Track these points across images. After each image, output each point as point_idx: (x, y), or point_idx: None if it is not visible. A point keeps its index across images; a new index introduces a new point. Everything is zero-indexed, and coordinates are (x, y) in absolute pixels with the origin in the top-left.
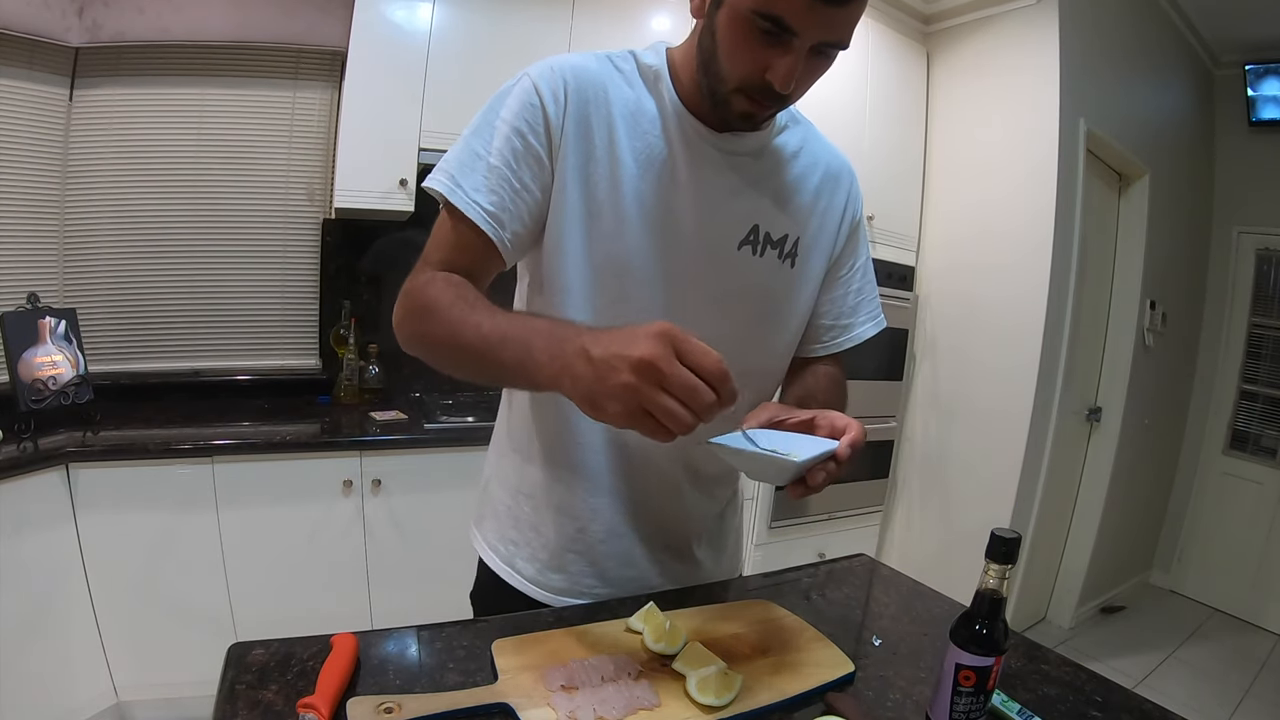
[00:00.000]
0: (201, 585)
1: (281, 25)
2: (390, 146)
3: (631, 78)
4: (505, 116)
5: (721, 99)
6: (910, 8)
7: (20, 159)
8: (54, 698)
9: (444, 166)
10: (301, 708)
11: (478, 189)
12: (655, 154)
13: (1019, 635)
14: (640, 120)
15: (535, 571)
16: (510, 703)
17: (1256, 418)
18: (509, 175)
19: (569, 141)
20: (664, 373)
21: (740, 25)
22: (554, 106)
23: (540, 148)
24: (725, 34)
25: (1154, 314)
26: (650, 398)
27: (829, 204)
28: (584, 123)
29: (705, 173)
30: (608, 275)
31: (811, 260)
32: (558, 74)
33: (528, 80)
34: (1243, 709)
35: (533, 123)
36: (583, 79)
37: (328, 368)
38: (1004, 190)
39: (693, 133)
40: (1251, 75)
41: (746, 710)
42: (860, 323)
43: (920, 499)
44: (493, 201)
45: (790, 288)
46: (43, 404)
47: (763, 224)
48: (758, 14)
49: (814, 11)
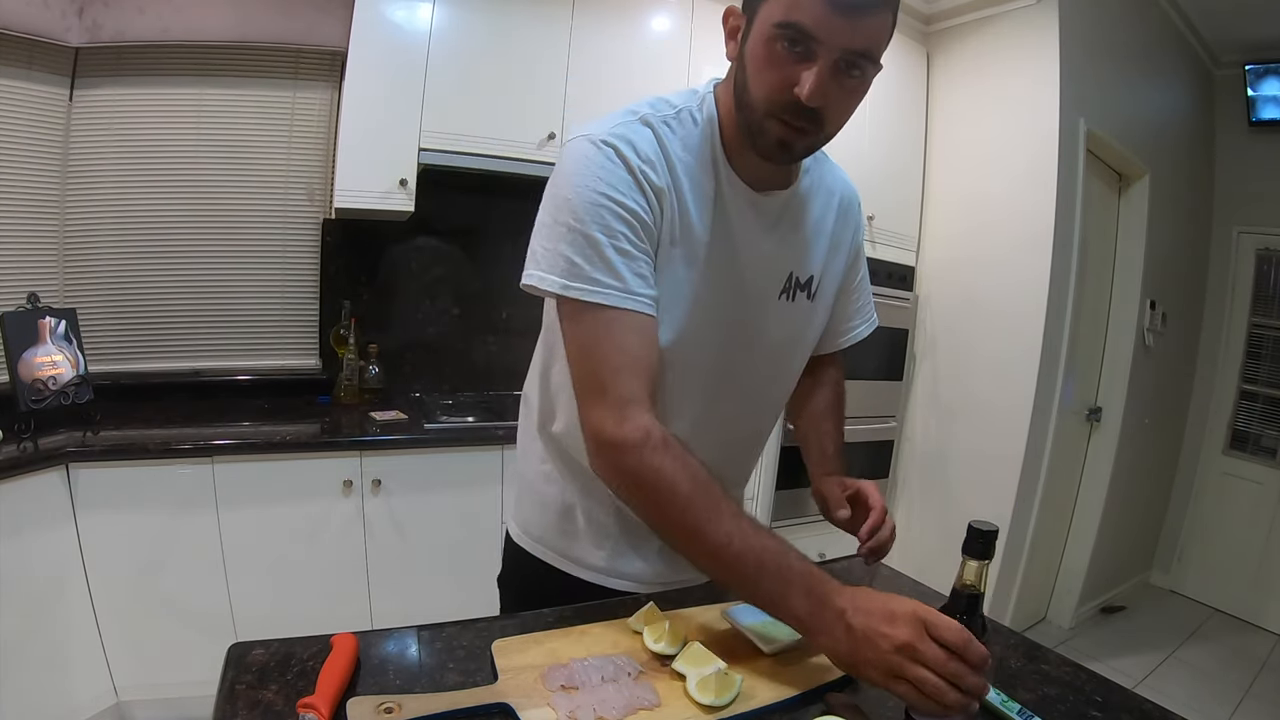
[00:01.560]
0: (201, 585)
1: (281, 25)
2: (390, 146)
3: (688, 140)
4: (605, 191)
5: (757, 128)
6: (910, 8)
7: (20, 159)
8: (54, 698)
9: (571, 268)
10: (301, 708)
11: (627, 280)
12: (716, 221)
13: (1019, 635)
14: (703, 190)
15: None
16: (510, 703)
17: (1256, 418)
18: (638, 252)
19: (664, 215)
20: (920, 652)
21: (766, 45)
22: (648, 182)
23: (650, 219)
24: (754, 59)
25: (1154, 314)
26: (911, 673)
27: (841, 237)
28: (669, 195)
29: (752, 236)
30: (690, 344)
31: (827, 291)
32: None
33: (611, 151)
34: (1243, 709)
35: (636, 197)
36: (654, 150)
37: (328, 368)
38: (1004, 190)
39: (742, 196)
40: (1251, 75)
41: (746, 710)
42: (858, 324)
43: (920, 499)
44: (641, 283)
45: (811, 321)
46: (43, 404)
47: (795, 271)
48: (780, 26)
49: (831, 20)
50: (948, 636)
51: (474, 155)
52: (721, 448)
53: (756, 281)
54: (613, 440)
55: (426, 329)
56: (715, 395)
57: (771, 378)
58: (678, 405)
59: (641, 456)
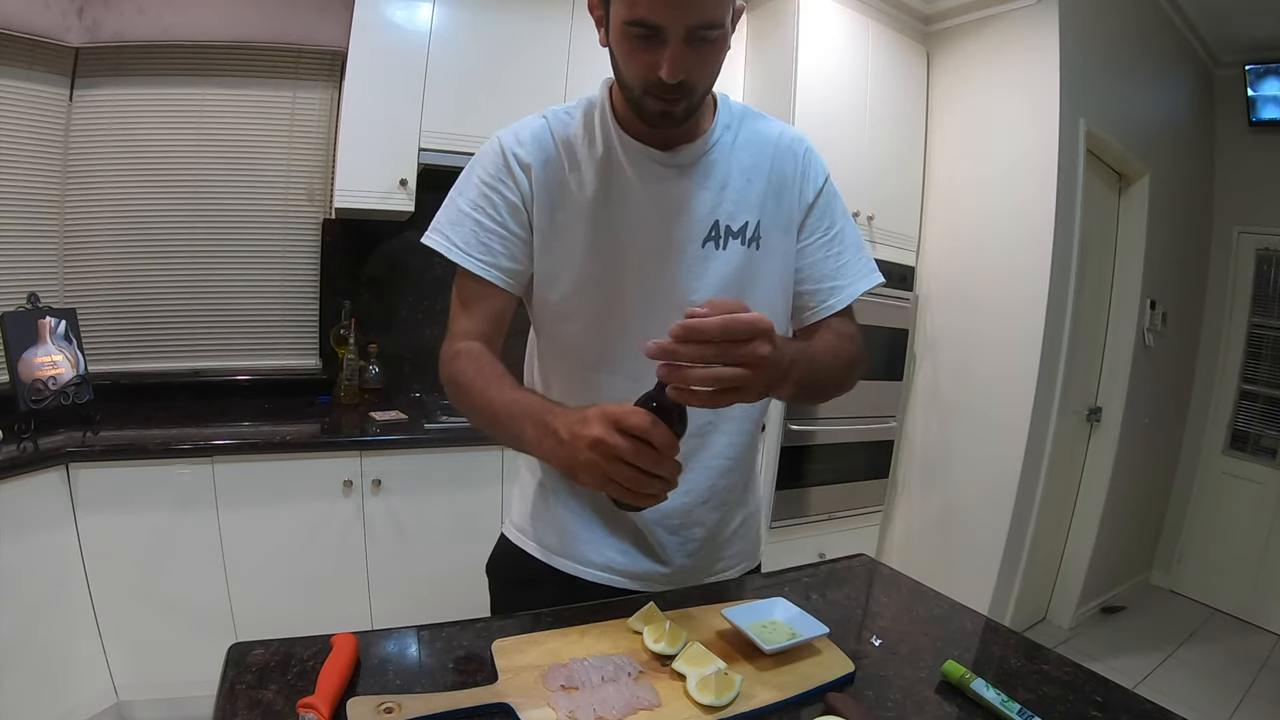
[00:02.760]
0: (201, 585)
1: (281, 25)
2: (390, 146)
3: (577, 122)
4: (479, 174)
5: (637, 105)
6: (910, 8)
7: (20, 159)
8: (54, 698)
9: (436, 227)
10: (301, 708)
11: (469, 243)
12: (606, 184)
13: (1019, 635)
14: (587, 158)
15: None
16: (510, 703)
17: (1256, 418)
18: (492, 224)
19: (537, 188)
20: (610, 445)
21: (623, 38)
22: (517, 162)
23: (513, 195)
24: (617, 50)
25: (1154, 314)
26: (609, 469)
27: (781, 179)
28: (543, 170)
29: (657, 187)
30: (588, 297)
31: (774, 236)
32: (520, 132)
33: (494, 140)
34: (1243, 709)
35: (502, 175)
36: (539, 134)
37: (328, 368)
38: (1004, 190)
39: (640, 156)
40: (1251, 75)
41: (746, 710)
42: (850, 281)
43: (920, 499)
44: (484, 251)
45: (758, 268)
46: (43, 404)
47: (722, 219)
48: (628, 23)
49: (666, 4)
50: (632, 421)
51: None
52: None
53: (666, 230)
54: (441, 359)
55: (426, 329)
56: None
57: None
58: (595, 352)
59: (452, 363)
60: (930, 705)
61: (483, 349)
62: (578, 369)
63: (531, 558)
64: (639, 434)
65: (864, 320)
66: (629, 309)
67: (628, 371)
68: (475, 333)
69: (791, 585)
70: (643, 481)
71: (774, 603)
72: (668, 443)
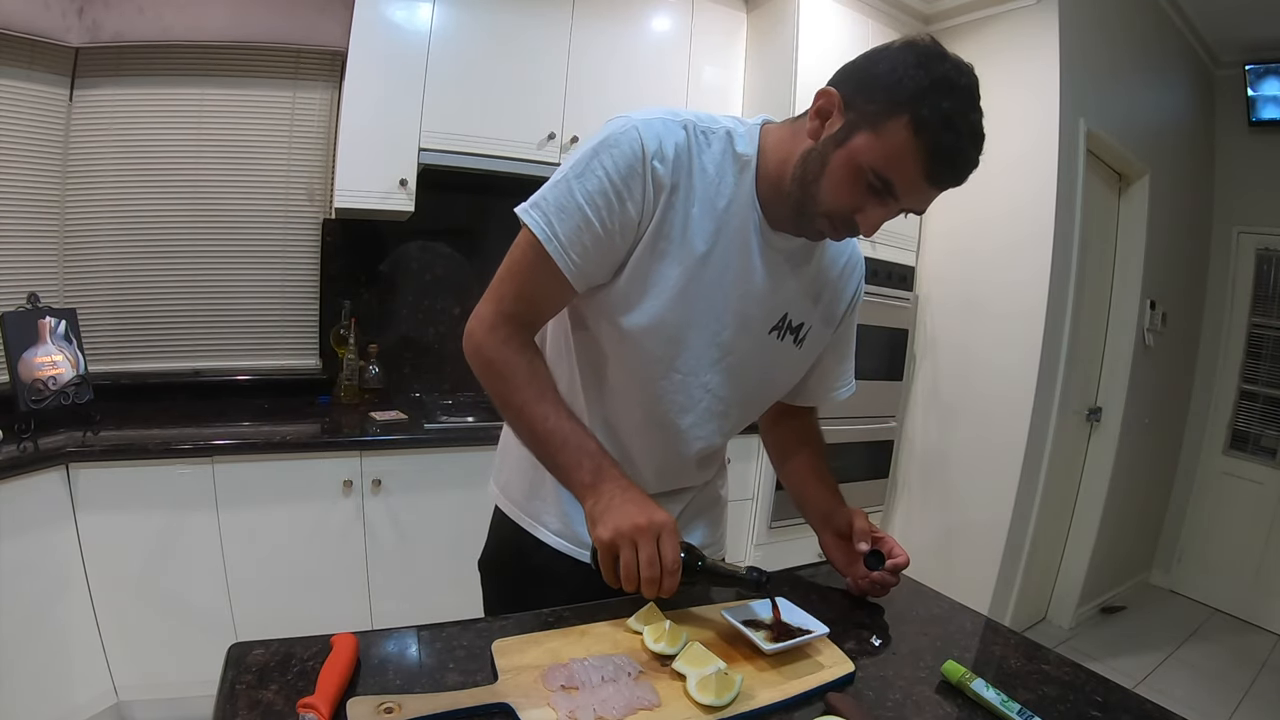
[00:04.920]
0: (201, 585)
1: (281, 25)
2: (390, 146)
3: (719, 159)
4: (609, 167)
5: (808, 218)
6: (910, 8)
7: (20, 159)
8: (54, 698)
9: (540, 204)
10: (301, 708)
11: (571, 241)
12: (719, 240)
13: (1019, 635)
14: (710, 204)
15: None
16: (510, 703)
17: (1256, 418)
18: (600, 229)
19: (660, 212)
20: (642, 545)
21: (852, 173)
22: (653, 177)
23: (634, 210)
24: (835, 173)
25: (1154, 314)
26: (628, 553)
27: (841, 294)
28: (670, 196)
29: (756, 263)
30: (656, 336)
31: (815, 340)
32: (664, 139)
33: (636, 136)
34: (1243, 709)
35: (632, 184)
36: (681, 152)
37: (328, 368)
38: (1004, 190)
39: (757, 228)
40: (1251, 75)
41: (746, 710)
42: (842, 385)
43: (920, 499)
44: (580, 253)
45: (793, 364)
46: (43, 404)
47: (791, 313)
48: (874, 172)
49: (921, 189)
50: (665, 553)
51: (474, 155)
52: (664, 443)
53: (749, 309)
54: (479, 325)
55: (427, 329)
56: (672, 391)
57: (738, 403)
58: (639, 380)
59: (495, 341)
60: (930, 705)
61: (537, 350)
62: (619, 391)
63: (527, 538)
64: (665, 567)
65: (864, 320)
66: (684, 359)
67: (656, 407)
68: (525, 319)
69: (791, 585)
70: (631, 581)
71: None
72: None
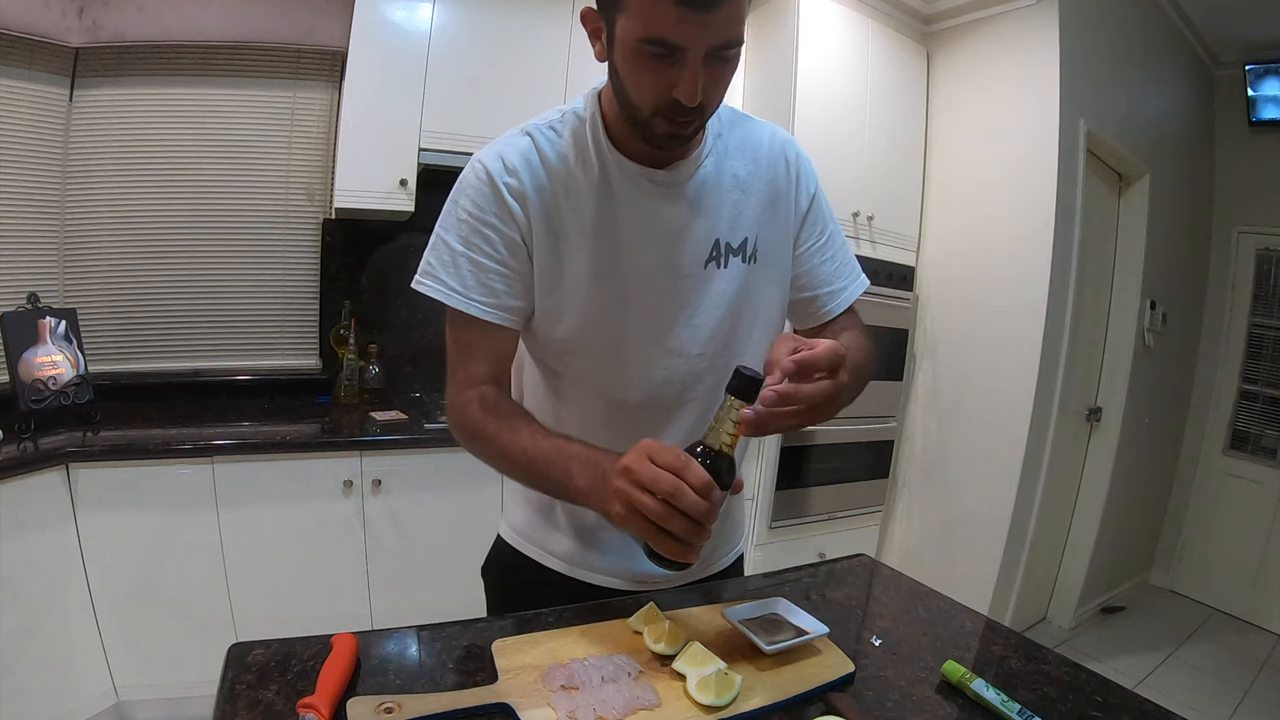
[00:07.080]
0: (201, 585)
1: (281, 25)
2: (390, 146)
3: (573, 140)
4: (468, 206)
5: (643, 125)
6: (910, 8)
7: (20, 159)
8: (54, 698)
9: (427, 270)
10: (301, 708)
11: (469, 286)
12: (605, 210)
13: (1019, 635)
14: (583, 182)
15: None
16: (510, 703)
17: (1256, 418)
18: (492, 264)
19: (534, 219)
20: (636, 472)
21: (634, 56)
22: (509, 192)
23: (510, 229)
24: (625, 68)
25: (1154, 314)
26: (635, 498)
27: (774, 188)
28: (537, 199)
29: (658, 210)
30: (596, 331)
31: (773, 251)
32: (506, 156)
33: (480, 166)
34: (1243, 709)
35: (496, 209)
36: (528, 156)
37: (328, 368)
38: (1004, 190)
39: (638, 177)
40: (1251, 75)
41: (746, 710)
42: (847, 283)
43: (920, 499)
44: (486, 293)
45: (756, 282)
46: (43, 404)
47: (722, 237)
48: (643, 41)
49: (689, 22)
50: (664, 458)
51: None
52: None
53: (673, 256)
54: (449, 408)
55: (427, 329)
56: (651, 371)
57: (725, 348)
58: (608, 383)
59: (463, 411)
60: (930, 705)
61: (498, 393)
62: (596, 401)
63: (531, 561)
64: (671, 469)
65: (864, 320)
66: (636, 336)
67: (642, 399)
68: (484, 377)
69: (791, 585)
70: (667, 517)
71: (774, 603)
72: (701, 482)
